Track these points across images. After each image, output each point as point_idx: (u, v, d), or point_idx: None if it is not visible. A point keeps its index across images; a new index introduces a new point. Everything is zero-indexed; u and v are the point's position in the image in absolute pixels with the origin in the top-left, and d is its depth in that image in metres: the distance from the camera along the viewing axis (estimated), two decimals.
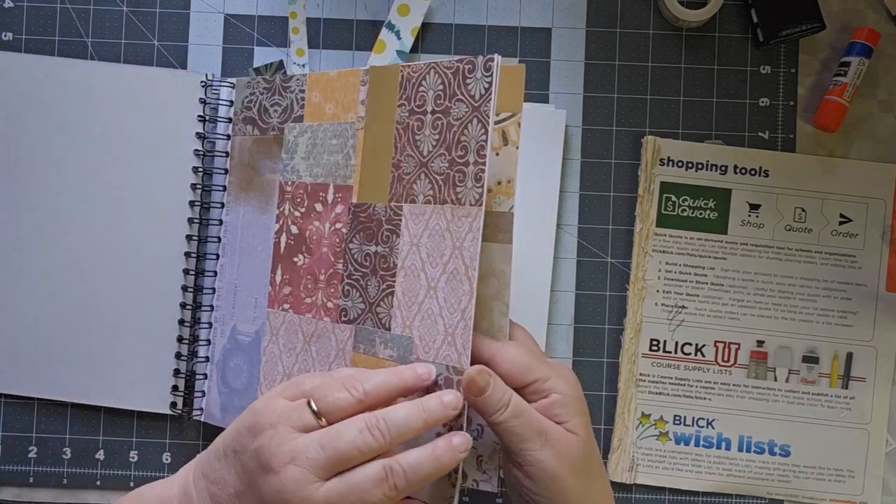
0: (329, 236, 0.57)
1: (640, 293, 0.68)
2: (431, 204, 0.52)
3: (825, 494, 0.67)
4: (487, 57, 0.50)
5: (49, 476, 0.68)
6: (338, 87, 0.58)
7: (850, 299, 0.67)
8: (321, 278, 0.58)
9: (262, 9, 0.70)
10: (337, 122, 0.58)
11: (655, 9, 0.69)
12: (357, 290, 0.55)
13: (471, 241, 0.50)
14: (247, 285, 0.64)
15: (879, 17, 0.69)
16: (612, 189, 0.69)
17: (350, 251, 0.56)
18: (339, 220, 0.57)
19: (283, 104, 0.62)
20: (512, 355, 0.51)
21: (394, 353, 0.53)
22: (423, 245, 0.52)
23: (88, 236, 0.67)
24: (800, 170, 0.68)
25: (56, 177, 0.67)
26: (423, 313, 0.52)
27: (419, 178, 0.53)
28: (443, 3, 0.70)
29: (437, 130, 0.52)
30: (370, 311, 0.54)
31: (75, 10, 0.70)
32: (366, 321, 0.55)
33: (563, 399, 0.51)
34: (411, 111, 0.54)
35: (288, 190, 0.61)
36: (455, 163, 0.51)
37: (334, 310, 0.57)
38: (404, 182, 0.53)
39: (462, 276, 0.50)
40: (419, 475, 0.47)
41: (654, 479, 0.67)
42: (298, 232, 0.60)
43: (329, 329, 0.57)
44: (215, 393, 0.65)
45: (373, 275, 0.55)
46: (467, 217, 0.50)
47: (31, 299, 0.67)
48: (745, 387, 0.67)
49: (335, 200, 0.57)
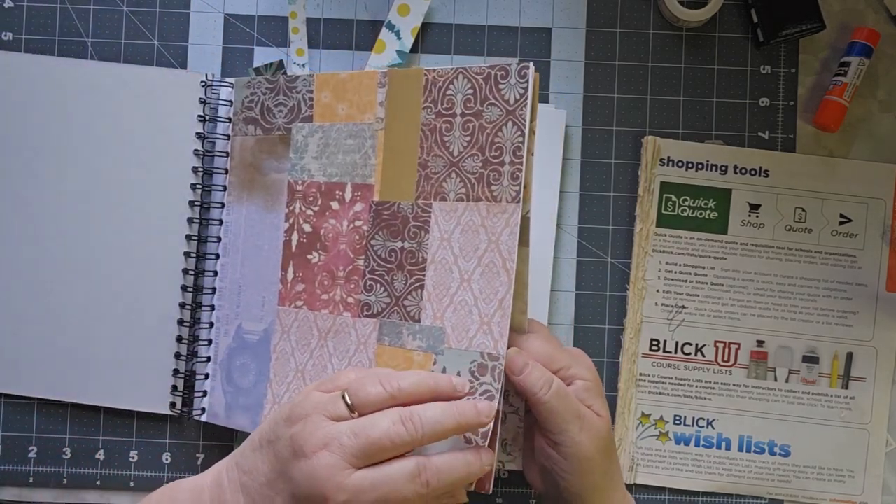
0: (347, 233, 0.59)
1: (640, 293, 0.68)
2: (464, 201, 0.54)
3: (825, 494, 0.67)
4: (522, 64, 0.53)
5: (49, 476, 0.68)
6: (351, 88, 0.59)
7: (850, 299, 0.67)
8: (339, 275, 0.59)
9: (262, 9, 0.70)
10: (352, 123, 0.59)
11: (655, 9, 0.69)
12: (381, 284, 0.57)
13: (508, 235, 0.53)
14: (253, 284, 0.64)
15: (879, 17, 0.69)
16: (612, 189, 0.69)
17: (372, 247, 0.58)
18: (358, 218, 0.58)
19: (289, 104, 0.63)
20: (536, 346, 0.55)
21: (423, 344, 0.55)
22: (455, 240, 0.55)
23: (88, 236, 0.67)
24: (800, 170, 0.68)
25: (56, 177, 0.67)
26: (455, 304, 0.54)
27: (449, 177, 0.55)
28: (443, 3, 0.70)
29: (469, 132, 0.54)
30: (397, 304, 0.56)
31: (75, 10, 0.70)
32: (391, 314, 0.56)
33: (586, 385, 0.55)
34: (438, 113, 0.56)
35: (298, 189, 0.62)
36: (489, 163, 0.54)
37: (355, 305, 0.58)
38: (433, 181, 0.55)
39: (500, 268, 0.53)
40: (451, 477, 0.48)
41: (654, 479, 0.68)
42: (312, 230, 0.61)
43: (349, 324, 0.58)
44: (219, 392, 0.65)
45: (399, 270, 0.56)
46: (504, 213, 0.53)
47: (31, 299, 0.67)
48: (745, 387, 0.67)
49: (354, 199, 0.59)
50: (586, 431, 0.53)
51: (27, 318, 0.67)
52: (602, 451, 0.54)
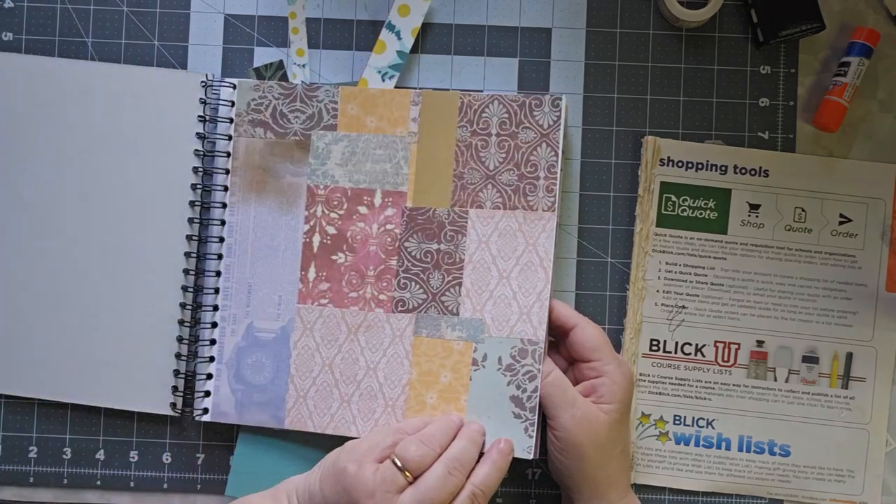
0: (378, 236, 0.65)
1: (640, 293, 0.68)
2: (501, 209, 0.64)
3: (825, 494, 0.67)
4: (554, 97, 0.64)
5: (49, 476, 0.68)
6: (382, 103, 0.66)
7: (850, 299, 0.67)
8: (369, 274, 0.65)
9: (262, 9, 0.70)
10: (382, 135, 0.66)
11: (655, 9, 0.69)
12: (417, 283, 0.64)
13: (545, 238, 0.63)
14: (266, 283, 0.66)
15: (879, 17, 0.69)
16: (612, 189, 0.69)
17: (406, 249, 0.65)
18: (389, 222, 0.65)
19: (308, 112, 0.66)
20: (590, 331, 0.62)
21: (462, 334, 0.63)
22: (493, 243, 0.64)
23: (88, 236, 0.67)
24: (800, 170, 0.68)
25: (56, 177, 0.67)
26: (495, 298, 0.63)
27: (485, 188, 0.64)
28: (443, 3, 0.70)
29: (504, 150, 0.64)
30: (434, 300, 0.64)
31: (75, 10, 0.70)
32: (429, 309, 0.64)
33: (611, 385, 0.60)
34: (474, 132, 0.65)
35: (320, 193, 0.66)
36: (525, 177, 0.64)
37: (388, 301, 0.65)
38: (469, 190, 0.64)
39: (537, 266, 0.63)
40: (492, 486, 0.58)
41: (654, 479, 0.68)
42: (337, 232, 0.66)
43: (382, 319, 0.65)
44: (226, 391, 0.66)
45: (435, 269, 0.64)
46: (540, 220, 0.63)
47: (31, 299, 0.67)
48: (745, 387, 0.67)
49: (384, 204, 0.65)
50: (578, 420, 0.59)
51: (27, 319, 0.67)
52: (595, 445, 0.59)
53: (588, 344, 0.61)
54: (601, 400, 0.60)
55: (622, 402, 0.60)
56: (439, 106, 0.65)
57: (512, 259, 0.63)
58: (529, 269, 0.63)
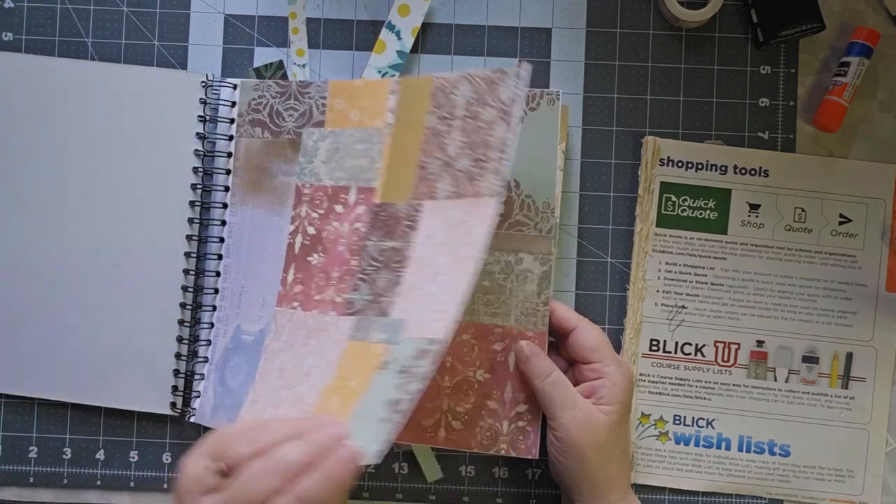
0: (347, 235, 0.60)
1: (640, 293, 0.68)
2: (452, 199, 0.56)
3: (825, 494, 0.67)
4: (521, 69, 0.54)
5: (49, 476, 0.68)
6: (364, 95, 0.62)
7: (850, 299, 0.67)
8: (334, 275, 0.60)
9: (262, 9, 0.70)
10: (363, 128, 0.61)
11: (655, 9, 0.69)
12: (367, 283, 0.59)
13: (480, 227, 0.53)
14: (254, 285, 0.64)
15: (879, 17, 0.69)
16: (612, 189, 0.69)
17: (366, 248, 0.59)
18: (359, 220, 0.60)
19: (301, 109, 0.64)
20: (590, 333, 0.61)
21: (384, 336, 0.56)
22: (439, 237, 0.56)
23: (88, 236, 0.67)
24: (800, 170, 0.68)
25: (56, 177, 0.67)
26: (424, 297, 0.55)
27: (442, 177, 0.57)
28: (443, 3, 0.70)
29: (465, 133, 0.56)
30: (374, 301, 0.58)
31: (75, 10, 0.70)
32: (368, 311, 0.58)
33: (611, 386, 0.60)
34: (441, 118, 0.58)
35: (306, 192, 0.63)
36: (479, 161, 0.55)
37: (342, 304, 0.59)
38: (428, 182, 0.57)
39: (467, 259, 0.53)
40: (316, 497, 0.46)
41: (654, 479, 0.68)
42: (315, 232, 0.62)
43: (332, 322, 0.59)
44: (211, 393, 0.65)
45: (384, 268, 0.58)
46: (484, 207, 0.54)
47: (31, 299, 0.67)
48: (745, 387, 0.67)
49: (357, 201, 0.61)
50: (578, 421, 0.59)
51: (27, 318, 0.67)
52: (595, 446, 0.59)
53: (588, 345, 0.61)
54: (601, 401, 0.60)
55: (622, 404, 0.60)
56: (414, 93, 0.59)
57: (449, 253, 0.55)
58: (460, 263, 0.53)
